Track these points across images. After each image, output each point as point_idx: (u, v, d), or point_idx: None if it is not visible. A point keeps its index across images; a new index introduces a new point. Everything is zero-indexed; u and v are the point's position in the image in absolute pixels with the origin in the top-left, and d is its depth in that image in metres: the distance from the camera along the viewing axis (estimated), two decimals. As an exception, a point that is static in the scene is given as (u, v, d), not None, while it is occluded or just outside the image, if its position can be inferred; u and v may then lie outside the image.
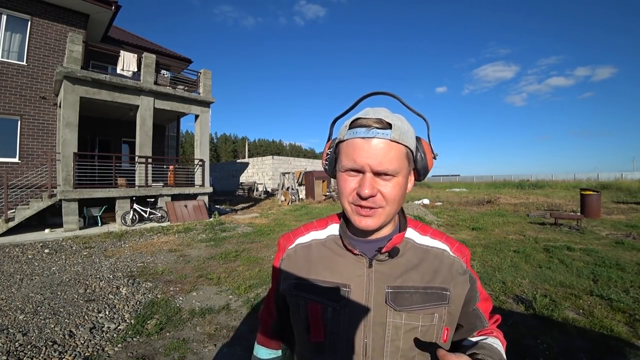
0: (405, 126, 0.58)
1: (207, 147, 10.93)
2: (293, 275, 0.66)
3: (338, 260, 0.63)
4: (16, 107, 8.54)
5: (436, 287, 0.60)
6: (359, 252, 0.61)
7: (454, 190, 24.06)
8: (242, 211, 12.37)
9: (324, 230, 0.70)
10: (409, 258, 0.62)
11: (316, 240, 0.68)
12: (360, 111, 0.59)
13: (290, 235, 0.73)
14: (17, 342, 2.54)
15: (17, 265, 4.82)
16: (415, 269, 0.61)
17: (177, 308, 3.26)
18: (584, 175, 32.41)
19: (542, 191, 19.88)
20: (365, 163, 0.54)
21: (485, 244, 5.97)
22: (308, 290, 0.63)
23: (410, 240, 0.65)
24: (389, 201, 0.56)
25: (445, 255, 0.64)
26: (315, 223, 0.72)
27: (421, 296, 0.59)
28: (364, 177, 0.55)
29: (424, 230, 0.67)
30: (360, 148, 0.54)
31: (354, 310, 0.59)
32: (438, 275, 0.61)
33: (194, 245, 6.24)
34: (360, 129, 0.55)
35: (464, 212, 10.71)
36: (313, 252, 0.67)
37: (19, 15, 8.68)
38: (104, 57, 9.71)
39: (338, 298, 0.60)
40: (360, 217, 0.57)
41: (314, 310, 0.61)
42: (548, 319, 2.87)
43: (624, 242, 5.77)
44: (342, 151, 0.58)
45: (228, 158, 64.88)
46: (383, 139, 0.54)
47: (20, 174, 8.47)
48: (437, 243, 0.66)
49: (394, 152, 0.55)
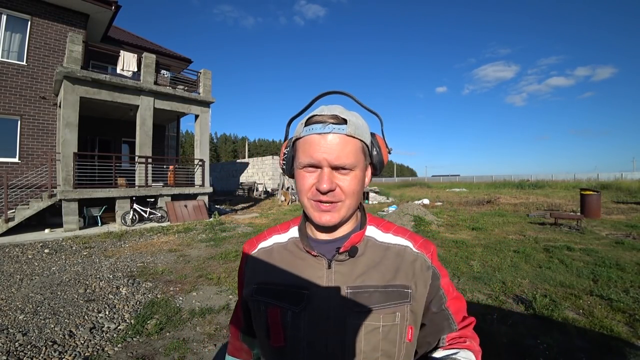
0: (360, 122, 0.59)
1: (207, 147, 10.92)
2: (254, 280, 0.65)
3: (298, 263, 0.62)
4: (16, 107, 8.54)
5: (397, 285, 0.59)
6: (317, 254, 0.60)
7: (454, 190, 24.05)
8: (242, 211, 12.37)
9: (286, 234, 0.69)
10: (369, 257, 0.61)
11: (278, 243, 0.68)
12: (317, 109, 0.60)
13: (254, 240, 0.72)
14: (17, 342, 2.54)
15: (17, 265, 4.82)
16: (376, 268, 0.60)
17: (177, 308, 3.26)
18: (584, 175, 32.38)
19: (542, 191, 19.87)
20: (322, 158, 0.54)
21: (485, 244, 5.97)
22: (268, 294, 0.62)
23: (371, 238, 0.64)
24: (348, 195, 0.56)
25: (407, 251, 0.63)
26: (278, 227, 0.72)
27: (381, 295, 0.58)
28: (322, 171, 0.55)
29: (386, 228, 0.66)
30: (317, 143, 0.55)
31: (313, 313, 0.58)
32: (399, 273, 0.60)
33: (194, 245, 6.24)
34: (316, 125, 0.56)
35: (464, 212, 10.71)
36: (274, 256, 0.66)
37: (19, 15, 8.67)
38: (104, 57, 9.71)
39: (297, 301, 0.59)
40: (320, 212, 0.57)
41: (273, 314, 0.60)
42: (548, 319, 2.87)
43: (624, 242, 5.77)
44: (299, 148, 0.59)
45: (228, 158, 64.86)
46: (339, 133, 0.55)
47: (20, 174, 8.47)
48: (400, 240, 0.65)
49: (350, 146, 0.55)
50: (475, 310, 3.06)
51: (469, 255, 5.16)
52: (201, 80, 10.86)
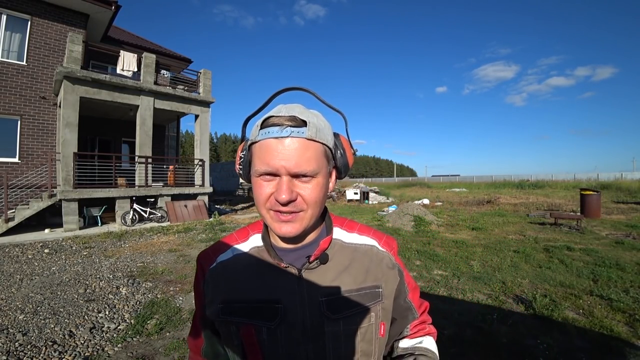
0: (322, 122, 0.54)
1: (207, 147, 10.92)
2: (218, 299, 0.59)
3: (265, 275, 0.58)
4: (16, 107, 8.54)
5: (369, 287, 0.59)
6: (286, 264, 0.57)
7: (453, 190, 24.05)
8: (242, 211, 12.37)
9: (245, 243, 0.63)
10: (339, 260, 0.59)
11: (239, 255, 0.62)
12: (273, 109, 0.55)
13: (210, 252, 0.65)
14: (17, 342, 2.54)
15: (17, 265, 4.82)
16: (347, 271, 0.59)
17: (177, 308, 3.26)
18: (584, 175, 32.37)
19: (542, 191, 19.87)
20: (280, 165, 0.49)
21: (485, 244, 5.97)
22: (237, 313, 0.57)
23: (338, 240, 0.62)
24: (310, 204, 0.52)
25: (374, 251, 0.63)
26: (236, 234, 0.66)
27: (356, 298, 0.57)
28: (281, 180, 0.50)
29: (350, 228, 0.65)
30: (273, 149, 0.50)
31: (290, 327, 0.55)
32: (370, 274, 0.60)
33: (194, 245, 6.24)
34: (272, 129, 0.50)
35: (464, 212, 10.71)
36: (237, 270, 0.60)
37: (19, 15, 8.67)
38: (104, 57, 9.71)
39: (271, 316, 0.55)
40: (280, 223, 0.52)
41: (247, 334, 0.56)
42: (548, 319, 2.87)
43: (623, 242, 5.77)
44: (255, 154, 0.54)
45: (228, 158, 64.86)
46: (298, 137, 0.50)
47: (20, 174, 8.47)
48: (365, 239, 0.64)
49: (310, 151, 0.51)
50: (475, 310, 3.06)
51: (469, 255, 5.16)
52: (201, 80, 10.86)
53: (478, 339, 2.53)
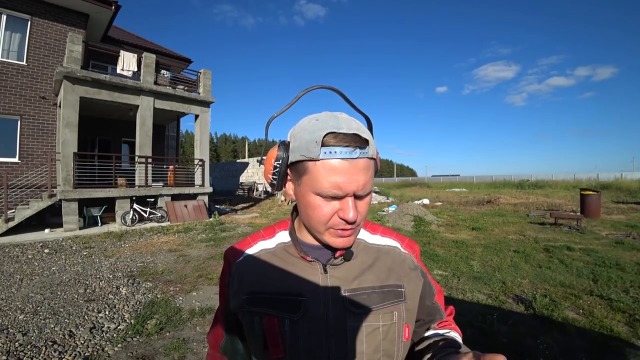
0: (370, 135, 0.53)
1: (207, 147, 10.92)
2: (243, 290, 0.61)
3: (291, 269, 0.60)
4: (16, 107, 8.54)
5: (392, 285, 0.60)
6: (312, 259, 0.59)
7: (453, 190, 24.05)
8: (242, 211, 12.37)
9: (272, 239, 0.65)
10: (362, 259, 0.61)
11: (265, 250, 0.64)
12: (321, 117, 0.52)
13: (237, 247, 0.67)
14: (17, 342, 2.54)
15: (17, 265, 4.82)
16: (370, 269, 0.60)
17: (177, 308, 3.26)
18: (584, 175, 32.38)
19: (542, 191, 19.87)
20: (351, 189, 0.49)
21: (485, 244, 5.97)
22: (262, 304, 0.58)
23: (362, 240, 0.64)
24: (363, 217, 0.55)
25: (396, 252, 0.64)
26: (263, 232, 0.68)
27: (379, 295, 0.58)
28: (346, 200, 0.51)
29: (373, 230, 0.67)
30: (345, 172, 0.49)
31: (312, 320, 0.56)
32: (392, 273, 0.61)
33: (194, 245, 6.24)
34: (340, 149, 0.48)
35: (464, 212, 10.71)
36: (263, 263, 0.63)
37: (19, 15, 8.67)
38: (104, 57, 9.69)
39: (295, 309, 0.56)
40: (337, 238, 0.54)
41: (270, 324, 0.57)
42: (548, 319, 2.87)
43: (623, 242, 5.77)
44: (314, 171, 0.50)
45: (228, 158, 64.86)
46: (364, 158, 0.49)
47: (20, 174, 8.47)
48: (388, 241, 0.66)
49: (371, 170, 0.51)
50: (475, 310, 3.06)
51: (469, 255, 5.16)
52: (201, 80, 10.86)
53: (478, 339, 2.53)
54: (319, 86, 0.58)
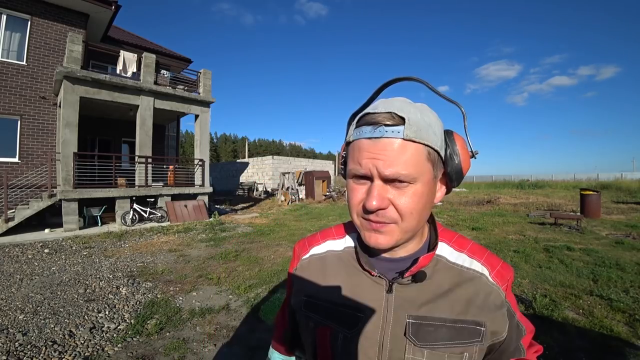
0: (427, 119, 0.46)
1: (207, 147, 10.92)
2: (303, 291, 0.59)
3: (354, 280, 0.55)
4: (16, 107, 8.54)
5: (469, 322, 0.49)
6: (377, 274, 0.53)
7: (453, 190, 24.01)
8: (242, 211, 12.37)
9: (341, 240, 0.61)
10: (438, 282, 0.52)
11: (332, 252, 0.60)
12: (373, 105, 0.49)
13: (306, 242, 0.65)
14: (17, 342, 2.54)
15: (17, 265, 4.82)
16: (445, 297, 0.51)
17: (177, 308, 3.26)
18: (584, 175, 32.40)
19: (542, 191, 19.87)
20: (371, 166, 0.45)
21: (485, 244, 5.97)
22: (318, 311, 0.55)
23: (442, 258, 0.54)
24: (405, 215, 0.46)
25: (483, 280, 0.52)
26: (333, 230, 0.64)
27: (449, 331, 0.49)
28: (373, 185, 0.46)
29: (460, 246, 0.56)
30: (365, 150, 0.45)
31: (367, 340, 0.51)
32: (472, 306, 0.50)
33: (194, 245, 6.24)
34: (366, 127, 0.46)
35: (464, 212, 10.71)
36: (327, 267, 0.59)
37: (19, 15, 8.67)
38: (104, 57, 9.70)
39: (351, 324, 0.52)
40: (370, 232, 0.48)
41: (322, 335, 0.54)
42: (548, 319, 2.88)
43: (623, 242, 5.77)
44: (348, 154, 0.50)
45: (228, 158, 64.87)
46: (393, 137, 0.44)
47: (20, 173, 8.47)
48: (475, 264, 0.54)
49: (409, 153, 0.44)
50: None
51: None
52: (201, 80, 10.86)
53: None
54: (398, 78, 0.51)
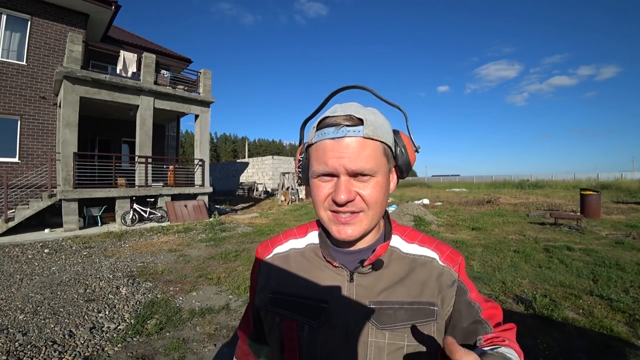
0: (379, 120, 0.53)
1: (207, 147, 10.92)
2: (268, 289, 0.61)
3: (317, 273, 0.58)
4: (16, 107, 8.54)
5: (423, 302, 0.54)
6: (338, 265, 0.56)
7: (453, 190, 24.06)
8: (242, 211, 12.37)
9: (303, 239, 0.64)
10: (394, 270, 0.56)
11: (295, 249, 0.63)
12: (331, 109, 0.54)
13: (269, 243, 0.68)
14: (17, 342, 2.54)
15: (17, 265, 4.82)
16: (401, 282, 0.55)
17: (177, 308, 3.26)
18: (584, 175, 32.39)
19: (542, 191, 19.87)
20: (338, 164, 0.49)
21: (485, 244, 5.97)
22: (283, 306, 0.58)
23: (396, 249, 0.59)
24: (370, 204, 0.51)
25: (433, 264, 0.58)
26: (295, 230, 0.68)
27: (407, 312, 0.53)
28: (339, 180, 0.50)
29: (411, 238, 0.61)
30: (330, 150, 0.50)
31: (333, 329, 0.53)
32: (426, 289, 0.55)
33: (194, 245, 6.24)
34: (328, 129, 0.50)
35: (464, 212, 10.71)
36: (291, 264, 0.62)
37: (19, 15, 8.67)
38: (104, 57, 9.70)
39: (316, 315, 0.54)
40: (339, 226, 0.52)
41: (288, 328, 0.55)
42: (548, 319, 2.87)
43: (623, 242, 5.77)
44: (312, 155, 0.54)
45: (228, 158, 64.88)
46: (355, 137, 0.49)
47: (20, 173, 8.46)
48: (426, 251, 0.59)
49: (369, 149, 0.50)
50: (475, 310, 3.06)
51: (469, 255, 5.16)
52: (201, 80, 10.86)
53: (478, 339, 2.53)
54: (347, 86, 0.57)
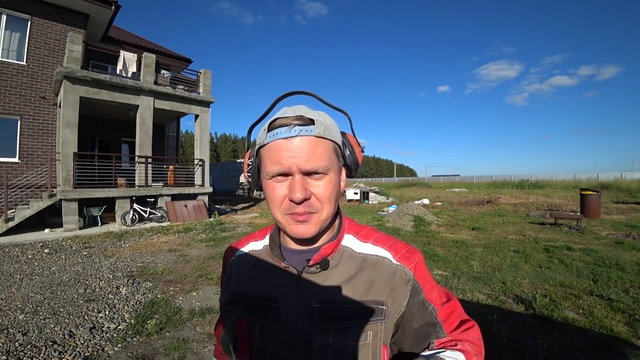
0: (328, 121, 0.55)
1: (207, 147, 10.92)
2: (229, 289, 0.63)
3: (268, 274, 0.59)
4: (16, 107, 8.53)
5: (370, 301, 0.54)
6: (287, 265, 0.57)
7: (453, 190, 24.05)
8: (242, 211, 12.37)
9: (262, 241, 0.65)
10: (343, 269, 0.56)
11: (253, 251, 0.65)
12: (280, 111, 0.55)
13: (232, 247, 0.70)
14: (17, 342, 2.54)
15: (17, 265, 4.82)
16: (349, 282, 0.55)
17: (177, 308, 3.26)
18: (584, 175, 32.37)
19: (542, 191, 19.87)
20: (292, 163, 0.50)
21: (485, 244, 5.97)
22: (239, 305, 0.59)
23: (348, 248, 0.58)
24: (324, 202, 0.52)
25: (385, 263, 0.56)
26: (257, 233, 0.69)
27: (351, 311, 0.53)
28: (293, 179, 0.51)
29: (365, 237, 0.61)
30: (284, 149, 0.50)
31: (280, 328, 0.54)
32: (374, 287, 0.54)
33: (194, 245, 6.24)
34: (280, 129, 0.51)
35: (464, 212, 10.71)
36: (247, 265, 0.63)
37: (19, 15, 8.67)
38: (104, 57, 9.70)
39: (265, 314, 0.55)
40: (296, 225, 0.52)
41: (240, 326, 0.57)
42: (548, 319, 2.87)
43: (623, 242, 5.77)
44: (264, 157, 0.54)
45: (228, 158, 64.84)
46: (307, 135, 0.50)
47: (20, 173, 8.46)
48: (379, 250, 0.58)
49: (321, 148, 0.51)
50: (475, 310, 3.06)
51: (469, 255, 5.16)
52: (201, 80, 10.86)
53: (478, 339, 2.53)
54: (293, 92, 0.58)
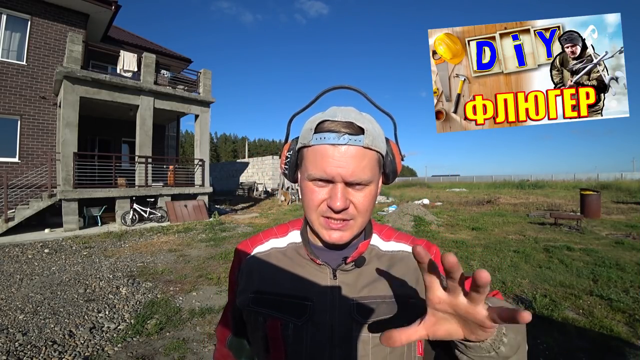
0: (377, 129, 0.54)
1: (207, 147, 10.93)
2: (250, 289, 0.60)
3: (300, 271, 0.59)
4: (16, 107, 8.54)
5: (403, 295, 0.56)
6: (322, 262, 0.57)
7: (453, 190, 24.06)
8: (242, 211, 12.37)
9: (284, 238, 0.64)
10: (374, 266, 0.58)
11: (276, 248, 0.63)
12: (327, 110, 0.54)
13: (249, 243, 0.66)
14: (17, 342, 2.54)
15: (17, 265, 4.82)
16: (382, 278, 0.57)
17: (177, 308, 3.26)
18: (584, 175, 32.41)
19: (542, 191, 19.88)
20: (336, 173, 0.49)
21: (485, 244, 5.97)
22: (267, 305, 0.57)
23: (375, 247, 0.61)
24: (361, 212, 0.52)
25: (411, 258, 0.58)
26: (275, 229, 0.67)
27: (389, 306, 0.55)
28: (335, 187, 0.50)
29: (387, 236, 0.63)
30: (330, 156, 0.49)
31: (317, 326, 0.54)
32: (405, 282, 0.57)
33: (194, 245, 6.24)
34: (328, 134, 0.50)
35: (464, 212, 10.71)
36: (272, 262, 0.61)
37: (19, 15, 8.67)
38: (104, 57, 9.70)
39: (300, 313, 0.55)
40: (330, 231, 0.53)
41: (273, 327, 0.55)
42: (548, 319, 2.88)
43: (623, 242, 5.77)
44: (307, 157, 0.53)
45: (228, 158, 64.89)
46: (355, 145, 0.49)
47: (20, 173, 8.46)
48: (402, 246, 0.62)
49: (366, 160, 0.50)
50: (475, 310, 3.06)
51: (469, 255, 5.16)
52: (201, 80, 10.86)
53: (478, 339, 2.53)
54: (339, 86, 0.56)
